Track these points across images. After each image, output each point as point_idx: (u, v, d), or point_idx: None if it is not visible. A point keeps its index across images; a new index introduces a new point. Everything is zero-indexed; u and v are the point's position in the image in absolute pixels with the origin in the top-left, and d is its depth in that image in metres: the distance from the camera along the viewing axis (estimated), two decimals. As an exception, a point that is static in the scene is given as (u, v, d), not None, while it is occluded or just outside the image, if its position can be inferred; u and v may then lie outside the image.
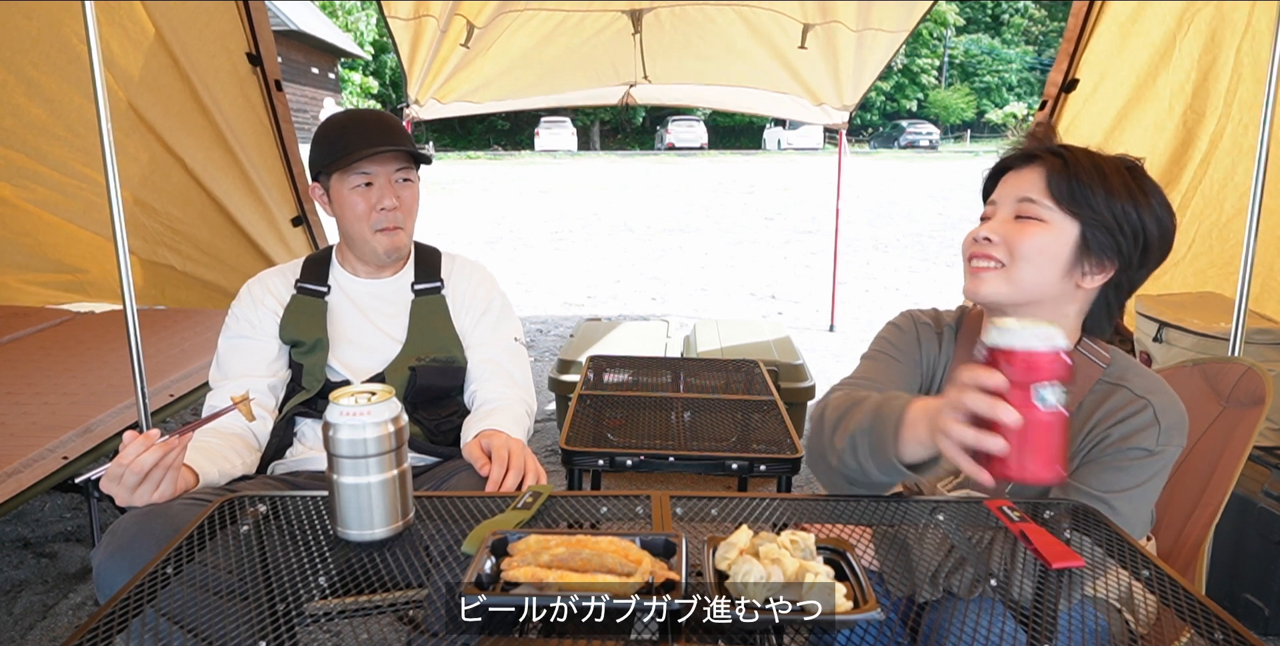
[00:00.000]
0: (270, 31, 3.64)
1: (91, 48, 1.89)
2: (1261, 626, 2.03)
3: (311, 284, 1.65)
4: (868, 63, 4.49)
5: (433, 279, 1.69)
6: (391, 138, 1.54)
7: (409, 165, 1.59)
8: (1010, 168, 1.20)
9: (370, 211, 1.56)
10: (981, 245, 1.15)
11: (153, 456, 1.12)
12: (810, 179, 18.31)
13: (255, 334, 1.60)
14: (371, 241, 1.59)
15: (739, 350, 3.45)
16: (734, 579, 0.83)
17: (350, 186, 1.55)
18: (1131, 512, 1.10)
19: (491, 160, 26.70)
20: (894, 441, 0.98)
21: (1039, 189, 1.13)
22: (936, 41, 36.43)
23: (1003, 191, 1.18)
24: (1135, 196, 1.11)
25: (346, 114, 1.60)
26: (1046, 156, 1.15)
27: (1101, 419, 1.13)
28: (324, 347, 1.59)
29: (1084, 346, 1.20)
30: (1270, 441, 2.49)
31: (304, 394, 1.57)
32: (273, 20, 4.35)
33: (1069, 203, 1.11)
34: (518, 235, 10.54)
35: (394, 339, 1.63)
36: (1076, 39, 3.39)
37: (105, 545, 1.18)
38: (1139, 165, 1.15)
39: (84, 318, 3.42)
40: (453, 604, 0.88)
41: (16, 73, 3.07)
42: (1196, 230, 3.34)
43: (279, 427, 1.56)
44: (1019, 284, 1.13)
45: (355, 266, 1.67)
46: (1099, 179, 1.11)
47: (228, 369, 1.58)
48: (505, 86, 4.70)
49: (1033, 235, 1.12)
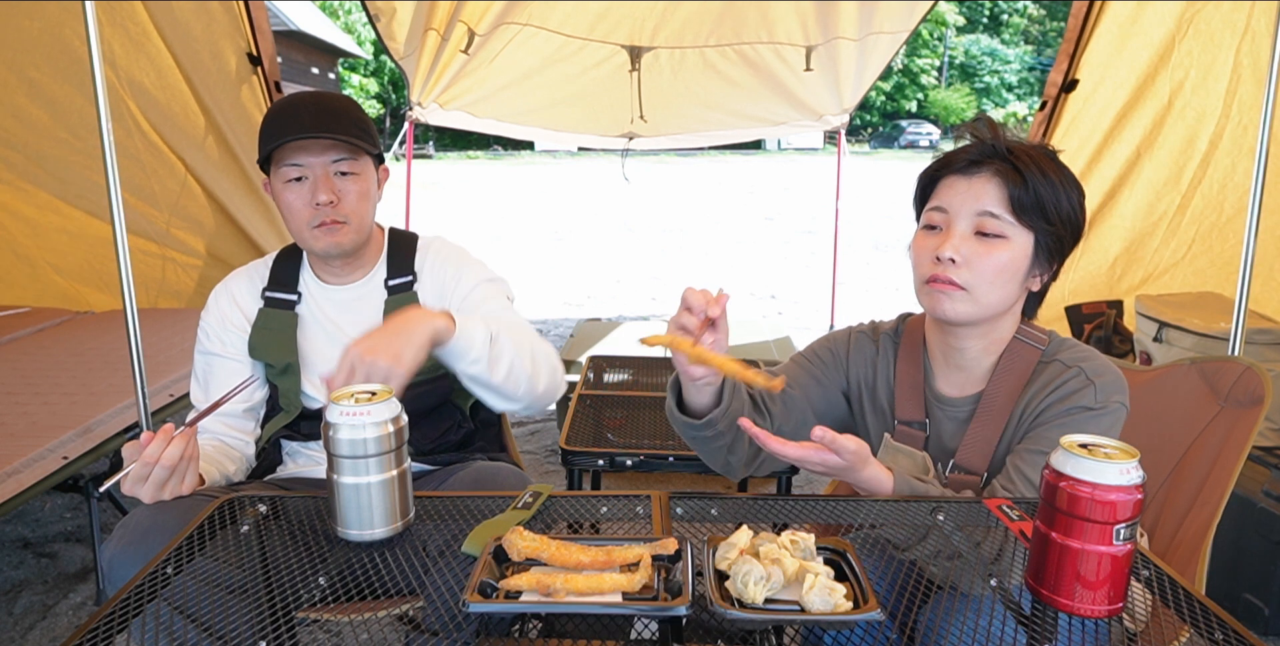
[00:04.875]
0: (270, 31, 3.64)
1: (92, 48, 1.89)
2: (1261, 626, 2.03)
3: (280, 292, 1.50)
4: (869, 66, 4.50)
5: (405, 273, 1.51)
6: (326, 124, 1.35)
7: (349, 156, 1.39)
8: (953, 170, 1.16)
9: (305, 208, 1.38)
10: (945, 266, 1.12)
11: (178, 448, 1.11)
12: (810, 179, 18.30)
13: (226, 352, 1.49)
14: (309, 239, 1.42)
15: (739, 350, 3.45)
16: (734, 579, 0.83)
17: (283, 180, 1.38)
18: None
19: (491, 160, 26.72)
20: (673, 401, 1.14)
21: (999, 202, 1.11)
22: (936, 41, 36.43)
23: (953, 201, 1.14)
24: (1068, 190, 1.13)
25: (285, 98, 1.43)
26: (996, 162, 1.12)
27: (1037, 393, 1.16)
28: (295, 372, 1.47)
29: (1021, 332, 1.22)
30: (1270, 441, 2.49)
31: (284, 416, 1.49)
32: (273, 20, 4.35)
33: (1028, 216, 1.11)
34: (518, 235, 10.54)
35: None
36: (1076, 39, 3.39)
37: (117, 538, 1.16)
38: (1056, 152, 1.16)
39: (84, 317, 3.42)
40: (452, 605, 0.88)
41: (17, 73, 3.07)
42: (1196, 230, 3.34)
43: (266, 452, 1.50)
44: (985, 305, 1.14)
45: (322, 269, 1.52)
46: (1049, 186, 1.11)
47: (206, 387, 1.50)
48: (505, 104, 4.71)
49: (998, 256, 1.11)
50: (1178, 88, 3.22)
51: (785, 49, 4.19)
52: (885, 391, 1.29)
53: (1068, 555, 0.82)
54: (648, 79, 4.35)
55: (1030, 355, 1.19)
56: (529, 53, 4.20)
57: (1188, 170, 3.29)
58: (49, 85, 3.13)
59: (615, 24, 4.08)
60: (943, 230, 1.15)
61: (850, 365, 1.32)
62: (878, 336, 1.32)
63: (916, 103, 36.42)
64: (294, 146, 1.36)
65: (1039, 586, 0.85)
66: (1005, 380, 1.19)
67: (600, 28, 4.10)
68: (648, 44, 4.20)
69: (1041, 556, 0.85)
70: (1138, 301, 3.17)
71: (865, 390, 1.31)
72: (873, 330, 1.34)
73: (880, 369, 1.30)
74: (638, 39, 4.18)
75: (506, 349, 1.30)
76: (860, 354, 1.32)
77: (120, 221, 1.98)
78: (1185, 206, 3.32)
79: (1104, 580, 0.81)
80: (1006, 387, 1.18)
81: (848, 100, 4.81)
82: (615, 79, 4.39)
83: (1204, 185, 3.26)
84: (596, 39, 4.16)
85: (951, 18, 35.57)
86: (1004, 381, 1.19)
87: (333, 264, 1.50)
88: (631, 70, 4.29)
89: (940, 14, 34.07)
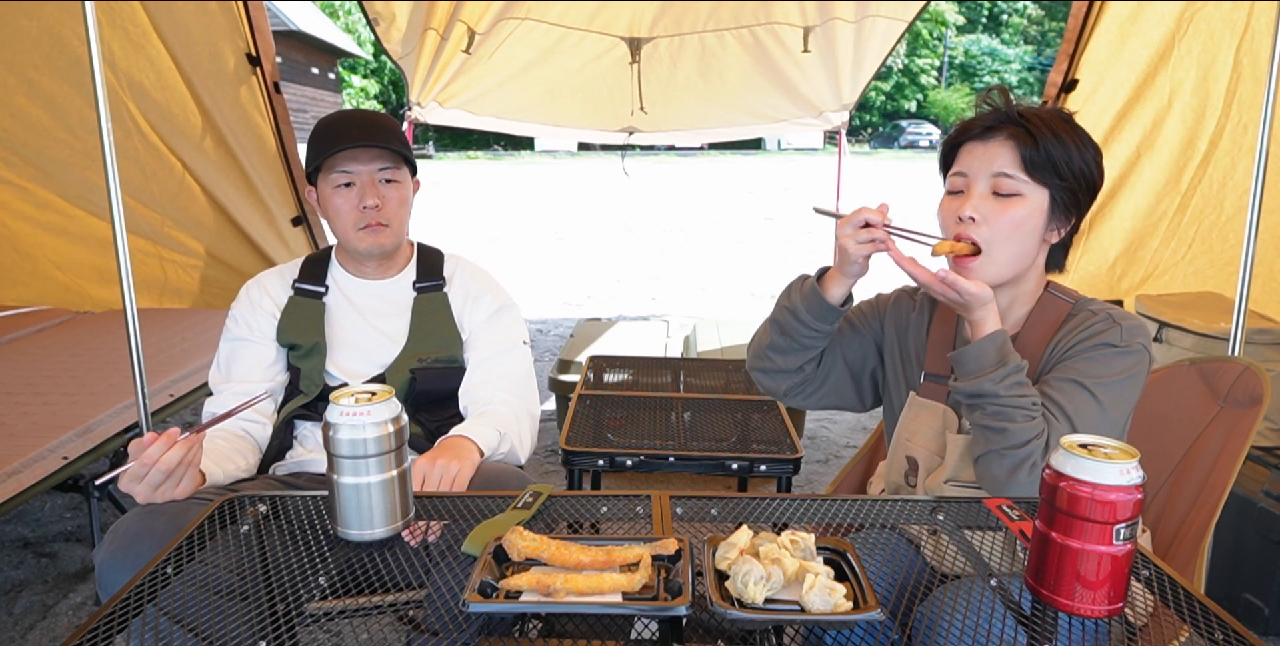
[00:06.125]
0: (270, 32, 3.64)
1: (91, 48, 1.89)
2: (1261, 626, 2.03)
3: (309, 284, 1.64)
4: (866, 55, 4.49)
5: (434, 278, 1.67)
6: (374, 136, 1.52)
7: (393, 165, 1.56)
8: (971, 137, 1.24)
9: (353, 211, 1.54)
10: (966, 225, 1.20)
11: (177, 453, 1.12)
12: (810, 179, 18.30)
13: (253, 336, 1.59)
14: (354, 240, 1.57)
15: (739, 350, 3.45)
16: (734, 579, 0.83)
17: (333, 186, 1.53)
18: (1112, 404, 1.15)
19: (491, 160, 26.71)
20: (817, 282, 1.27)
21: (1012, 163, 1.18)
22: (936, 41, 36.43)
23: (971, 165, 1.22)
24: (1082, 149, 1.20)
25: (334, 114, 1.58)
26: (1009, 127, 1.20)
27: (1065, 336, 1.22)
28: (321, 351, 1.57)
29: (1052, 287, 1.29)
30: (1269, 441, 2.50)
31: (302, 397, 1.56)
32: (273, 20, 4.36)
33: (1041, 173, 1.18)
34: (518, 235, 10.54)
35: (393, 340, 1.61)
36: (1076, 39, 3.39)
37: (108, 544, 1.18)
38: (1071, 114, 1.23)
39: (84, 318, 3.43)
40: (453, 604, 0.88)
41: (17, 73, 3.07)
42: (1197, 230, 3.34)
43: (278, 430, 1.56)
44: (1001, 261, 1.20)
45: (354, 267, 1.66)
46: (1060, 145, 1.18)
47: (227, 372, 1.58)
48: (505, 99, 4.71)
49: (1015, 212, 1.19)
50: (1177, 87, 3.22)
51: (783, 29, 4.20)
52: (917, 345, 1.36)
53: (1068, 555, 0.82)
54: (647, 70, 4.36)
55: (1060, 307, 1.26)
56: (528, 46, 4.21)
57: (1188, 170, 3.29)
58: (48, 85, 3.13)
59: (615, 15, 4.09)
60: (964, 193, 1.23)
61: (887, 317, 1.41)
62: (917, 296, 1.41)
63: (916, 103, 36.41)
64: (344, 155, 1.51)
65: (1039, 586, 0.85)
66: (1036, 328, 1.26)
67: (600, 19, 4.12)
68: (647, 34, 4.21)
69: (1041, 556, 0.85)
70: (1138, 301, 3.17)
71: (898, 342, 1.39)
72: (915, 291, 1.42)
73: (914, 323, 1.38)
74: (637, 30, 4.20)
75: (507, 441, 1.49)
76: (898, 309, 1.41)
77: (120, 221, 1.99)
78: (1185, 206, 3.32)
79: (1104, 580, 0.81)
80: (1038, 334, 1.25)
81: (847, 95, 4.80)
82: (615, 72, 4.40)
83: (1204, 185, 3.26)
84: (596, 30, 4.17)
85: (951, 17, 35.57)
86: (1035, 329, 1.26)
87: (368, 263, 1.64)
88: (631, 62, 4.31)
89: (940, 14, 34.08)
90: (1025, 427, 1.11)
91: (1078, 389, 1.15)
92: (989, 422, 1.14)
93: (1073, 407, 1.14)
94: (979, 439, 1.16)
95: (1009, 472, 1.12)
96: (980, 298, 1.14)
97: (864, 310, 1.44)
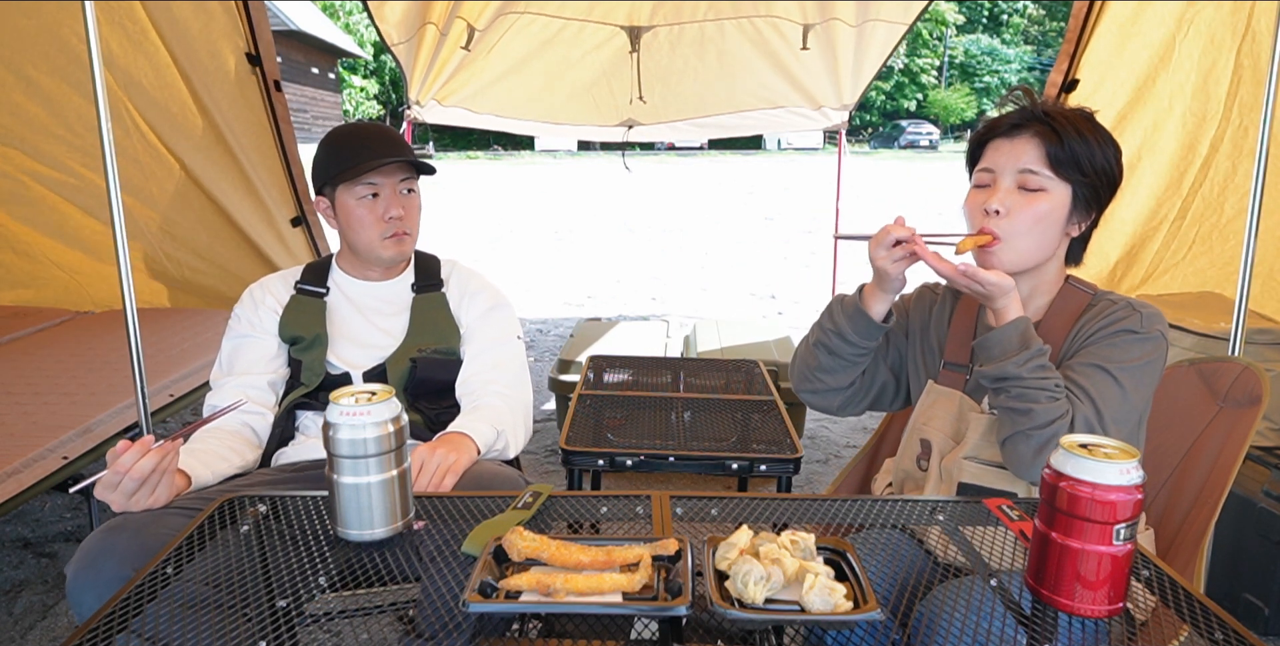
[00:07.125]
0: (270, 31, 3.63)
1: (91, 48, 1.89)
2: (1261, 626, 2.03)
3: (311, 285, 1.69)
4: (867, 57, 4.50)
5: (432, 280, 1.74)
6: (396, 149, 1.59)
7: (412, 175, 1.63)
8: (998, 134, 1.28)
9: (378, 221, 1.60)
10: (991, 218, 1.24)
11: (151, 461, 1.12)
12: (810, 179, 18.31)
13: (256, 332, 1.63)
14: (379, 249, 1.63)
15: (739, 350, 3.45)
16: (734, 579, 0.83)
17: (357, 197, 1.59)
18: (1133, 388, 1.17)
19: (491, 160, 26.72)
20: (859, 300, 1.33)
21: (1037, 159, 1.23)
22: (936, 41, 36.44)
23: (998, 160, 1.26)
24: (1104, 147, 1.25)
25: (350, 127, 1.64)
26: (1035, 125, 1.24)
27: (1085, 324, 1.26)
28: (322, 343, 1.62)
29: (1072, 279, 1.34)
30: (1269, 441, 2.49)
31: (303, 389, 1.59)
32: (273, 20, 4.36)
33: (1065, 169, 1.22)
34: (518, 235, 10.54)
35: (393, 336, 1.65)
36: (1076, 39, 3.39)
37: (75, 563, 1.15)
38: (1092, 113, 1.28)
39: (84, 317, 3.42)
40: (452, 605, 0.88)
41: (15, 72, 3.07)
42: (1197, 231, 3.34)
43: (280, 421, 1.58)
44: (1021, 251, 1.24)
45: (356, 271, 1.71)
46: (1084, 142, 1.23)
47: (229, 366, 1.61)
48: (504, 95, 4.70)
49: (1038, 206, 1.23)
50: (1178, 89, 3.22)
51: (783, 24, 4.21)
52: (938, 334, 1.41)
53: (1068, 555, 0.82)
54: (647, 58, 4.36)
55: (1081, 297, 1.30)
56: (528, 39, 4.21)
57: (1189, 172, 3.28)
58: (46, 83, 3.13)
59: (614, 5, 4.09)
60: (991, 187, 1.27)
61: (912, 313, 1.47)
62: (939, 289, 1.47)
63: (916, 102, 36.42)
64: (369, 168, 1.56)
65: (1039, 586, 0.85)
66: (1058, 316, 1.30)
67: (599, 9, 4.12)
68: (646, 23, 4.21)
69: (1041, 556, 0.85)
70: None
71: (920, 334, 1.44)
72: (936, 284, 1.47)
73: (936, 314, 1.43)
74: (637, 18, 4.20)
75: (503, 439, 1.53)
76: (921, 301, 1.47)
77: (120, 221, 1.98)
78: (1186, 208, 3.32)
79: (1104, 580, 0.81)
80: (1059, 322, 1.29)
81: (847, 95, 4.80)
82: (615, 62, 4.40)
83: (1204, 187, 3.25)
84: (595, 20, 4.17)
85: (951, 17, 35.58)
86: (1057, 317, 1.30)
87: (373, 268, 1.69)
88: (631, 51, 4.31)
89: (940, 13, 34.09)
90: (1050, 408, 1.14)
91: (1100, 373, 1.18)
92: (1014, 404, 1.17)
93: (1096, 391, 1.17)
94: (1005, 422, 1.19)
95: (1035, 453, 1.15)
96: (1002, 287, 1.19)
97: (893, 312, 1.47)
